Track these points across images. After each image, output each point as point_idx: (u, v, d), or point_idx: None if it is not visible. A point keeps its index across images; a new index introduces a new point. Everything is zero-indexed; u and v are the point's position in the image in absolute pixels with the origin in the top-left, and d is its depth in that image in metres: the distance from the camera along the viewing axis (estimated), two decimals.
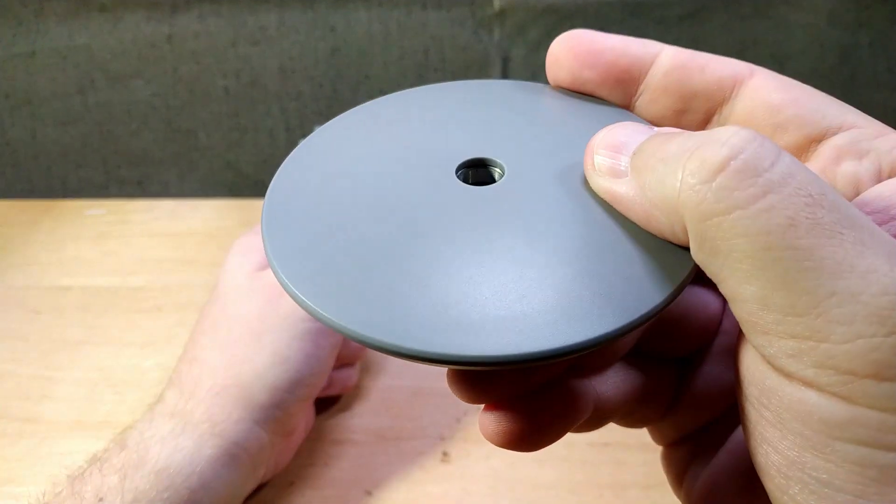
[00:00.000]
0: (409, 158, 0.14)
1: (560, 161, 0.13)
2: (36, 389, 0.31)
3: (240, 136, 0.44)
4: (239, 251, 0.26)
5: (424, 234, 0.12)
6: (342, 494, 0.26)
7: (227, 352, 0.23)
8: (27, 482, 0.27)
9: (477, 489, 0.26)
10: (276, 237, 0.12)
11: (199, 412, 0.22)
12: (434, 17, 0.41)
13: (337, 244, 0.12)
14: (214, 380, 0.22)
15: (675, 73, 0.13)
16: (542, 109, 0.14)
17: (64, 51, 0.42)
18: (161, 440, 0.21)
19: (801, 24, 0.40)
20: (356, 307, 0.11)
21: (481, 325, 0.10)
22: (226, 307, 0.24)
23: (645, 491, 0.26)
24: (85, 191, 0.45)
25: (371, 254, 0.12)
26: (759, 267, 0.09)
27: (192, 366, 0.23)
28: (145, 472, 0.20)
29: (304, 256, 0.12)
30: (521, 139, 0.14)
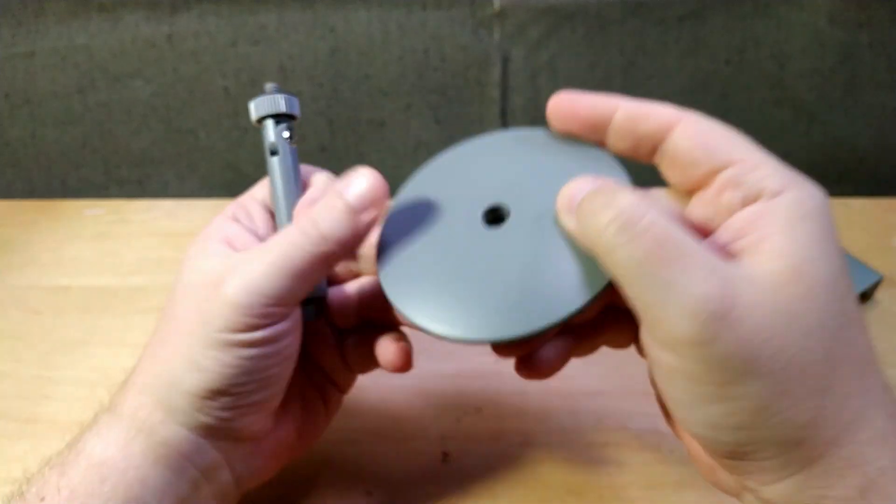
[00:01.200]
0: (455, 212, 0.22)
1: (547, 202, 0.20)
2: (35, 389, 0.31)
3: (239, 137, 0.44)
4: (196, 241, 0.22)
5: (468, 265, 0.20)
6: (342, 494, 0.26)
7: (155, 351, 0.21)
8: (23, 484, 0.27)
9: (476, 489, 0.26)
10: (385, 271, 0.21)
11: (126, 406, 0.21)
12: (434, 17, 0.41)
13: (418, 273, 0.20)
14: (139, 377, 0.21)
15: (628, 122, 0.20)
16: (539, 159, 0.21)
17: (63, 51, 0.42)
18: (97, 434, 0.20)
19: (802, 23, 0.40)
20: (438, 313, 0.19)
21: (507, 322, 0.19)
22: (167, 303, 0.22)
23: (644, 491, 0.26)
24: (85, 191, 0.45)
25: (441, 280, 0.20)
26: (632, 282, 0.16)
27: (136, 368, 0.22)
28: (80, 468, 0.20)
29: (402, 282, 0.20)
30: (523, 186, 0.21)
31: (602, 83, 0.42)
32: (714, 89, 0.42)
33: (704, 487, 0.26)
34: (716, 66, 0.41)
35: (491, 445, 0.28)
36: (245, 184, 0.48)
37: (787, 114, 0.42)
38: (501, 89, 0.42)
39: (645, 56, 0.41)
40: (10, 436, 0.29)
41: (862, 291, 0.32)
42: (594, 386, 0.30)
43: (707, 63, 0.41)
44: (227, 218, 0.23)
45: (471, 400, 0.30)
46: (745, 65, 0.41)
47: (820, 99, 0.42)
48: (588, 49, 0.41)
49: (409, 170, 0.26)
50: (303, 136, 0.44)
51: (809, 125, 0.42)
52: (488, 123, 0.43)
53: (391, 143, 0.44)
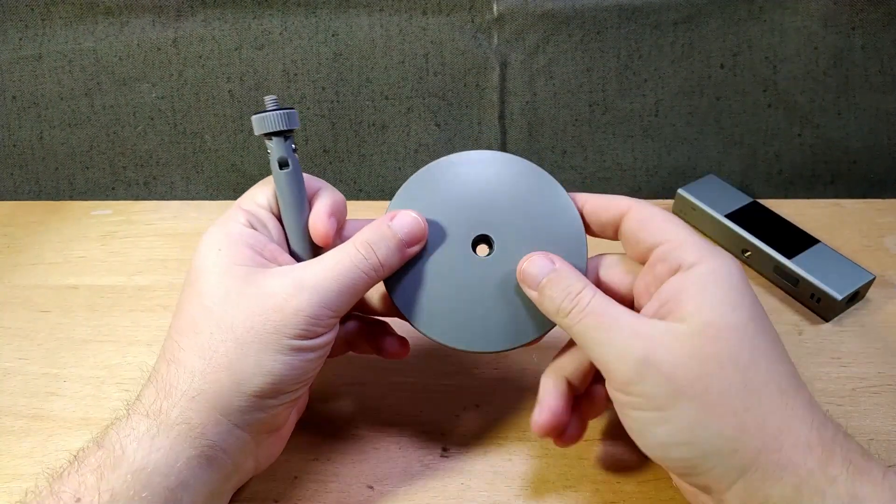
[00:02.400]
0: (450, 237, 0.25)
1: (524, 240, 0.25)
2: (43, 387, 0.31)
3: (244, 139, 0.44)
4: (214, 244, 0.23)
5: (464, 289, 0.25)
6: (344, 488, 0.26)
7: (207, 356, 0.22)
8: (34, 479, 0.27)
9: (476, 483, 0.27)
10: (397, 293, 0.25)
11: (175, 414, 0.21)
12: (434, 23, 0.42)
13: (424, 295, 0.25)
14: (191, 383, 0.21)
15: (592, 214, 0.26)
16: (522, 195, 0.26)
17: (70, 54, 0.43)
18: (137, 439, 0.21)
19: (795, 27, 0.41)
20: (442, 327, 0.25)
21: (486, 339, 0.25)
22: (210, 309, 0.22)
23: (640, 486, 0.26)
24: (92, 192, 0.45)
25: (442, 300, 0.25)
26: (586, 346, 0.22)
27: (170, 366, 0.22)
28: (122, 472, 0.20)
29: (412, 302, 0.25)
30: (505, 219, 0.25)
31: (598, 87, 0.43)
32: (708, 92, 0.42)
33: None
34: (710, 69, 0.42)
35: (490, 440, 0.28)
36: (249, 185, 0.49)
37: (780, 116, 0.43)
38: (500, 93, 0.43)
39: (640, 60, 0.42)
40: (18, 433, 0.29)
41: (855, 291, 0.33)
42: None
43: (701, 66, 0.42)
44: (243, 224, 0.24)
45: (470, 396, 0.30)
46: (738, 68, 0.42)
47: (813, 101, 0.42)
48: (584, 53, 0.42)
49: (410, 171, 0.27)
50: (305, 139, 0.44)
51: (803, 127, 0.43)
52: (487, 126, 0.44)
53: (392, 145, 0.44)
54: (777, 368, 0.21)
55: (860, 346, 0.32)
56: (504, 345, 0.25)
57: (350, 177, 0.45)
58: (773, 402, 0.20)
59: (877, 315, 0.33)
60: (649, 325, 0.21)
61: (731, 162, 0.43)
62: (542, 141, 0.43)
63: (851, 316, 0.33)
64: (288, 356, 0.22)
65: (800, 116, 0.42)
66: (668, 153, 0.43)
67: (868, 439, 0.28)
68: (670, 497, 0.26)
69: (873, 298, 0.34)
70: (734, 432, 0.20)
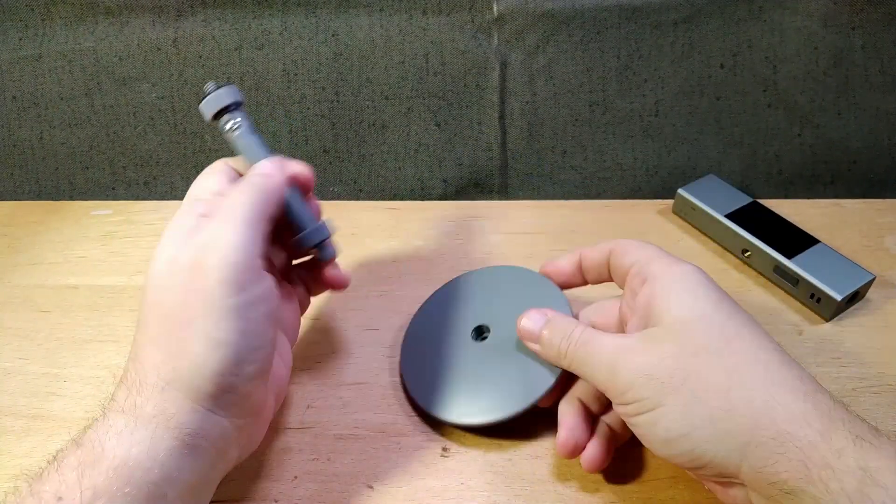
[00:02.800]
0: (452, 330, 0.31)
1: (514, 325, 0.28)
2: (43, 387, 0.31)
3: None
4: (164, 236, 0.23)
5: (465, 371, 0.29)
6: (344, 488, 0.27)
7: (161, 346, 0.21)
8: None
9: (475, 483, 0.27)
10: (408, 378, 0.30)
11: (150, 407, 0.21)
12: (434, 23, 0.42)
13: (431, 379, 0.29)
14: (158, 376, 0.21)
15: (587, 260, 0.29)
16: (510, 291, 0.31)
17: (70, 54, 0.43)
18: (116, 435, 0.20)
19: (795, 27, 0.41)
20: (446, 407, 0.28)
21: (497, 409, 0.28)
22: (147, 297, 0.22)
23: (640, 486, 0.26)
24: (92, 192, 0.45)
25: (447, 382, 0.29)
26: (582, 372, 0.25)
27: (135, 364, 0.22)
28: (103, 469, 0.20)
29: (421, 387, 0.29)
30: (498, 311, 0.30)
31: (598, 87, 0.43)
32: (708, 92, 0.42)
33: (697, 482, 0.26)
34: (710, 69, 0.42)
35: (490, 440, 0.28)
36: None
37: (780, 116, 0.43)
38: (500, 93, 0.43)
39: (640, 60, 0.42)
40: (18, 432, 0.29)
41: (855, 291, 0.33)
42: None
43: (701, 66, 0.42)
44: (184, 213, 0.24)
45: None
46: (738, 68, 0.42)
47: (813, 101, 0.42)
48: (584, 53, 0.42)
49: (410, 171, 0.27)
50: (306, 139, 0.44)
51: (803, 127, 0.43)
52: (487, 126, 0.44)
53: (392, 145, 0.44)
54: (754, 347, 0.22)
55: (860, 346, 0.32)
56: (514, 409, 0.27)
57: (350, 177, 0.45)
58: (756, 378, 0.21)
59: (877, 315, 0.33)
60: (628, 337, 0.24)
61: (731, 162, 0.43)
62: (542, 141, 0.43)
63: (851, 316, 0.33)
64: (232, 320, 0.21)
65: (800, 116, 0.42)
66: (668, 153, 0.43)
67: None
68: (670, 497, 0.26)
69: (873, 298, 0.34)
70: (722, 413, 0.21)
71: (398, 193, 0.44)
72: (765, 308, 0.34)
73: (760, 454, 0.20)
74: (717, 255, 0.38)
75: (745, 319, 0.23)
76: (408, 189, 0.44)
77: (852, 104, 0.42)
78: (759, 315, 0.34)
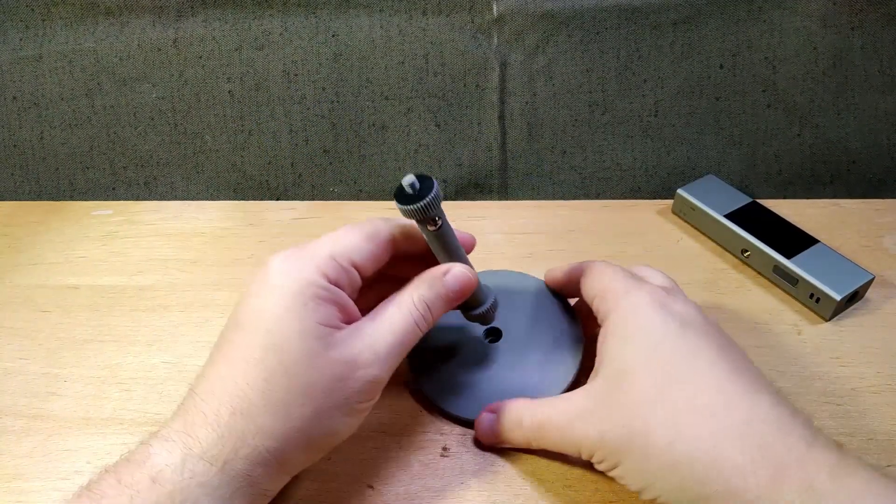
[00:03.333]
0: (466, 332, 0.31)
1: (526, 331, 0.30)
2: (43, 387, 0.31)
3: (245, 139, 0.44)
4: (298, 294, 0.22)
5: (478, 370, 0.29)
6: (344, 488, 0.27)
7: (282, 416, 0.21)
8: (34, 478, 0.27)
9: (475, 483, 0.27)
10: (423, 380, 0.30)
11: (240, 467, 0.21)
12: (434, 23, 0.42)
13: (447, 379, 0.29)
14: (262, 440, 0.21)
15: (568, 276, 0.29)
16: (523, 300, 0.31)
17: (71, 54, 0.43)
18: (201, 486, 0.20)
19: (795, 27, 0.41)
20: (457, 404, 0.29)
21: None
22: (289, 369, 0.22)
23: None
24: (92, 192, 0.45)
25: (462, 380, 0.29)
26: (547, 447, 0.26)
27: (236, 417, 0.21)
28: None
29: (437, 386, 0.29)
30: (510, 316, 0.31)
31: (597, 87, 0.43)
32: (708, 92, 0.42)
33: None
34: (709, 69, 0.42)
35: None
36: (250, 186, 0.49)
37: (779, 116, 0.43)
38: (500, 93, 0.43)
39: (640, 60, 0.42)
40: (18, 432, 0.29)
41: (854, 291, 0.33)
42: None
43: (701, 67, 0.42)
44: (328, 276, 0.23)
45: None
46: (738, 68, 0.42)
47: (812, 102, 0.42)
48: (584, 54, 0.42)
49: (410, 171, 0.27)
50: (306, 139, 0.44)
51: (802, 128, 0.43)
52: (487, 127, 0.44)
53: (392, 145, 0.44)
54: (693, 393, 0.22)
55: (860, 346, 0.32)
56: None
57: (350, 177, 0.45)
58: (697, 427, 0.21)
59: (876, 315, 0.33)
60: (575, 398, 0.24)
61: (731, 162, 0.43)
62: (542, 141, 0.44)
63: (851, 316, 0.33)
64: (352, 418, 0.23)
65: (799, 116, 0.42)
66: (667, 153, 0.43)
67: (868, 439, 0.28)
68: None
69: (873, 298, 0.34)
70: (669, 469, 0.21)
71: None
72: (764, 308, 0.34)
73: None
74: (716, 255, 0.38)
75: (692, 351, 0.22)
76: None
77: (851, 104, 0.42)
78: (759, 315, 0.34)
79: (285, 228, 0.41)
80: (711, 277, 0.36)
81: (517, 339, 0.30)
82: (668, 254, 0.38)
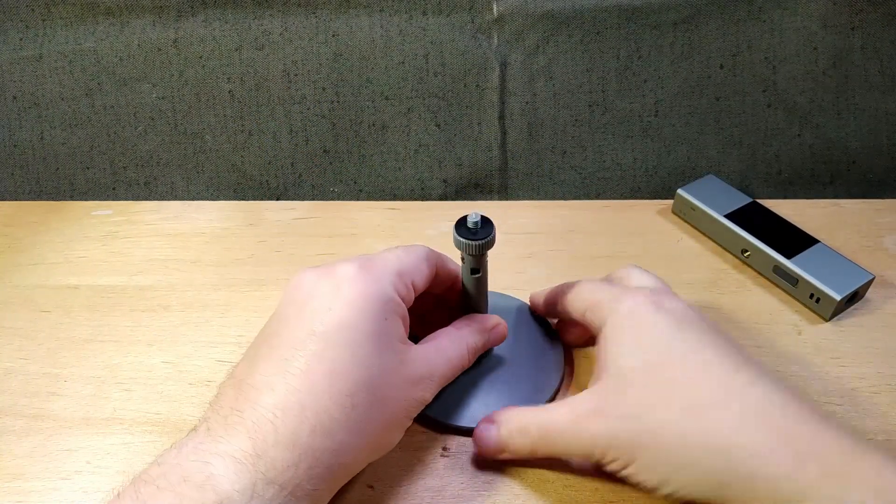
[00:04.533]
0: None
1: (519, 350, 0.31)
2: (43, 386, 0.31)
3: (245, 139, 0.44)
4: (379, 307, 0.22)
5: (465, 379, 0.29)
6: (344, 488, 0.26)
7: (362, 433, 0.22)
8: (35, 478, 0.27)
9: (475, 483, 0.27)
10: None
11: (310, 487, 0.20)
12: (434, 23, 0.42)
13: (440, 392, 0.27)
14: (339, 459, 0.21)
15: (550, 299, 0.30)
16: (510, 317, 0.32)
17: (71, 54, 0.43)
18: (250, 497, 0.19)
19: (795, 27, 0.41)
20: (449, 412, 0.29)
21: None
22: (370, 385, 0.21)
23: None
24: (92, 192, 0.45)
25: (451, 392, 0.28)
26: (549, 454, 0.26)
27: (315, 435, 0.20)
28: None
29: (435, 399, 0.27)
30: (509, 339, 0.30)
31: (597, 87, 0.43)
32: (708, 92, 0.42)
33: None
34: (710, 69, 0.42)
35: None
36: (250, 186, 0.49)
37: (779, 116, 0.43)
38: (500, 93, 0.43)
39: (640, 60, 0.42)
40: (18, 432, 0.29)
41: (854, 291, 0.33)
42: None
43: (701, 67, 0.42)
44: (400, 293, 0.24)
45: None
46: (738, 68, 0.42)
47: (812, 102, 0.42)
48: (584, 54, 0.42)
49: (410, 172, 0.27)
50: (306, 139, 0.44)
51: (802, 128, 0.43)
52: (487, 127, 0.44)
53: (392, 145, 0.44)
54: (706, 383, 0.22)
55: (860, 346, 0.32)
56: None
57: (350, 177, 0.45)
58: (712, 419, 0.21)
59: (876, 315, 0.33)
60: (581, 401, 0.24)
61: (731, 162, 0.43)
62: (542, 141, 0.44)
63: (851, 316, 0.33)
64: (401, 433, 0.24)
65: (799, 117, 0.42)
66: (667, 153, 0.43)
67: (868, 439, 0.28)
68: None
69: (873, 298, 0.34)
70: (687, 461, 0.21)
71: (398, 194, 0.44)
72: (764, 308, 0.34)
73: (734, 494, 0.20)
74: (716, 255, 0.38)
75: (693, 346, 0.23)
76: (408, 189, 0.44)
77: (851, 104, 0.42)
78: (759, 315, 0.34)
79: (285, 228, 0.41)
80: (711, 277, 0.36)
81: (504, 354, 0.30)
82: (668, 254, 0.38)
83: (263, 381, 0.21)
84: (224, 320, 0.35)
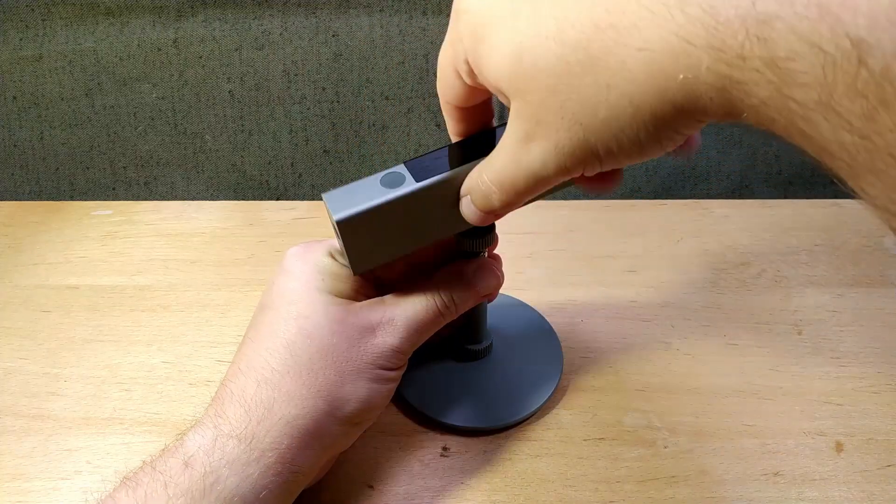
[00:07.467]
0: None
1: (511, 349, 0.31)
2: (44, 386, 0.31)
3: (245, 139, 0.44)
4: (315, 271, 0.24)
5: (465, 378, 0.30)
6: (345, 488, 0.27)
7: (307, 382, 0.22)
8: (34, 478, 0.27)
9: (475, 483, 0.27)
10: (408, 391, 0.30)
11: (269, 440, 0.21)
12: (434, 23, 0.42)
13: (435, 388, 0.29)
14: (290, 409, 0.21)
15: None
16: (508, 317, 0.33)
17: (71, 55, 0.43)
18: (229, 464, 0.20)
19: None
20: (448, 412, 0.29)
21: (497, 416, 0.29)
22: (311, 335, 0.22)
23: (639, 485, 0.26)
24: (92, 192, 0.45)
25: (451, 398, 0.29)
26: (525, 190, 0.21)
27: (261, 387, 0.22)
28: (212, 500, 0.20)
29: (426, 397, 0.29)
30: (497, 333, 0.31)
31: None
32: None
33: (697, 482, 0.26)
34: None
35: (489, 440, 0.28)
36: (250, 186, 0.49)
37: None
38: None
39: None
40: (18, 432, 0.29)
41: None
42: (589, 382, 0.30)
43: None
44: (334, 259, 0.25)
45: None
46: None
47: None
48: None
49: None
50: (306, 139, 0.44)
51: None
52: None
53: (392, 145, 0.44)
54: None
55: (860, 346, 0.32)
56: (520, 414, 0.28)
57: (350, 177, 0.45)
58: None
59: (876, 315, 0.33)
60: (508, 144, 0.19)
61: (731, 162, 0.43)
62: None
63: (851, 316, 0.33)
64: (376, 384, 0.23)
65: None
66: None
67: (868, 439, 0.28)
68: (670, 496, 0.26)
69: (872, 298, 0.34)
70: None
71: None
72: (764, 308, 0.34)
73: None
74: (716, 254, 0.38)
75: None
76: None
77: None
78: (759, 315, 0.34)
79: (285, 228, 0.41)
80: (711, 277, 0.36)
81: (504, 354, 0.31)
82: (668, 254, 0.38)
83: (234, 360, 0.24)
84: (224, 320, 0.35)
